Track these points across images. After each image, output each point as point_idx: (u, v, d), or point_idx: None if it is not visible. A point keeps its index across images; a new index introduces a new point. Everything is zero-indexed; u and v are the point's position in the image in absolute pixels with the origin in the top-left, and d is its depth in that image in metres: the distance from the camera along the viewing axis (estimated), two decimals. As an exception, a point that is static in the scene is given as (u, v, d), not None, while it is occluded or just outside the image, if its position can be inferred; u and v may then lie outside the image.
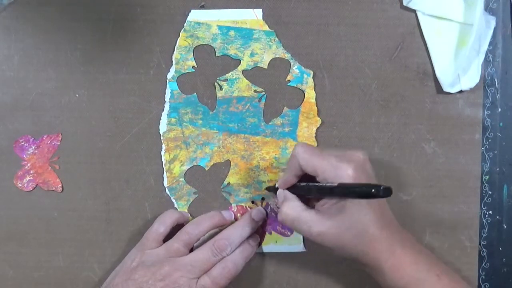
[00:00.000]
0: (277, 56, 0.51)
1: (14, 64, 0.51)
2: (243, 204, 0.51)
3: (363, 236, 0.42)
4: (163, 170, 0.51)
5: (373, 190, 0.38)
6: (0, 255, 0.52)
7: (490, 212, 0.51)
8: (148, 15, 0.51)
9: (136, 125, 0.51)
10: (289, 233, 0.51)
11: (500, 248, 0.51)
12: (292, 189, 0.46)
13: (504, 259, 0.51)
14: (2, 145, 0.51)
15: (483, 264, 0.51)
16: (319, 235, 0.42)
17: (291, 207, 0.44)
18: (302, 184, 0.45)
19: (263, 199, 0.51)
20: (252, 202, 0.51)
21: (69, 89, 0.51)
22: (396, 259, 0.42)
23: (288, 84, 0.51)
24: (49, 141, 0.51)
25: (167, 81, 0.51)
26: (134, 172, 0.51)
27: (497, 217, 0.51)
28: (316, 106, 0.51)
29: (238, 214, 0.51)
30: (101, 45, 0.51)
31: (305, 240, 0.51)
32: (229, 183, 0.51)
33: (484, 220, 0.51)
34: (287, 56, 0.51)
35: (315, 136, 0.51)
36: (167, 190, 0.51)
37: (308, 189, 0.45)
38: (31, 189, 0.51)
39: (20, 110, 0.51)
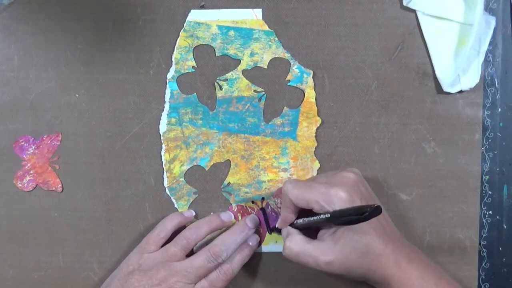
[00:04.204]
0: (277, 55, 0.51)
1: (14, 64, 0.51)
2: (243, 204, 0.51)
3: (368, 255, 0.42)
4: (163, 170, 0.51)
5: (361, 215, 0.38)
6: (0, 255, 0.52)
7: (490, 212, 0.51)
8: (148, 15, 0.51)
9: (136, 125, 0.51)
10: None
11: (500, 248, 0.51)
12: (293, 225, 0.47)
13: (504, 259, 0.51)
14: (2, 145, 0.51)
15: (483, 264, 0.51)
16: (327, 264, 0.43)
17: (294, 242, 0.45)
18: (299, 221, 0.46)
19: (263, 199, 0.51)
20: (252, 202, 0.51)
21: (69, 89, 0.51)
22: (403, 273, 0.42)
23: (288, 84, 0.51)
24: (49, 141, 0.51)
25: (167, 81, 0.51)
26: (134, 172, 0.51)
27: (497, 217, 0.51)
28: (316, 105, 0.51)
29: (239, 214, 0.51)
30: (101, 45, 0.51)
31: None
32: (229, 183, 0.51)
33: (484, 220, 0.51)
34: (287, 55, 0.51)
35: (315, 136, 0.51)
36: (167, 190, 0.51)
37: (306, 224, 0.45)
38: (31, 189, 0.51)
39: (20, 110, 0.51)
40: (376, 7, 0.51)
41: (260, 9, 0.51)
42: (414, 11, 0.51)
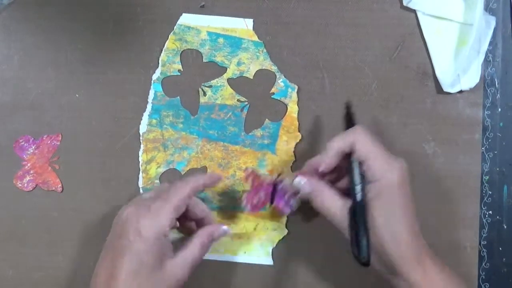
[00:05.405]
0: (263, 67, 0.51)
1: (14, 64, 0.51)
2: (257, 173, 0.48)
3: (393, 242, 0.41)
4: (139, 170, 0.51)
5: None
6: (0, 255, 0.52)
7: (490, 212, 0.51)
8: (148, 15, 0.51)
9: (136, 125, 0.51)
10: (288, 211, 0.48)
11: (500, 248, 0.51)
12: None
13: (504, 259, 0.51)
14: (2, 145, 0.51)
15: (483, 264, 0.51)
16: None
17: (331, 201, 0.43)
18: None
19: (279, 175, 0.49)
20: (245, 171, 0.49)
21: (69, 89, 0.51)
22: (426, 267, 0.41)
23: (271, 97, 0.51)
24: (49, 141, 0.51)
25: (152, 82, 0.51)
26: (134, 172, 0.51)
27: (497, 217, 0.51)
28: (298, 121, 0.51)
29: (249, 179, 0.48)
30: (101, 45, 0.51)
31: (274, 254, 0.50)
32: (203, 190, 0.51)
33: (484, 220, 0.51)
34: (274, 68, 0.51)
35: (294, 151, 0.51)
36: (141, 190, 0.51)
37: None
38: (31, 189, 0.51)
39: (20, 110, 0.51)
40: (376, 7, 0.51)
41: (251, 19, 0.51)
42: (414, 11, 0.51)
